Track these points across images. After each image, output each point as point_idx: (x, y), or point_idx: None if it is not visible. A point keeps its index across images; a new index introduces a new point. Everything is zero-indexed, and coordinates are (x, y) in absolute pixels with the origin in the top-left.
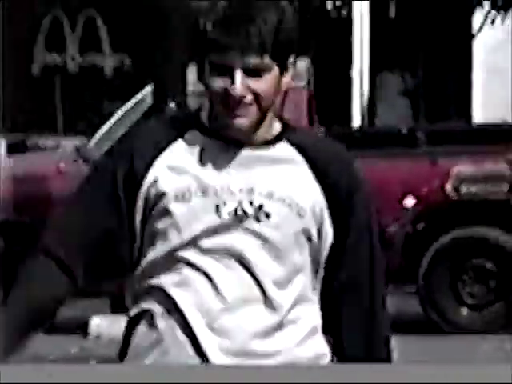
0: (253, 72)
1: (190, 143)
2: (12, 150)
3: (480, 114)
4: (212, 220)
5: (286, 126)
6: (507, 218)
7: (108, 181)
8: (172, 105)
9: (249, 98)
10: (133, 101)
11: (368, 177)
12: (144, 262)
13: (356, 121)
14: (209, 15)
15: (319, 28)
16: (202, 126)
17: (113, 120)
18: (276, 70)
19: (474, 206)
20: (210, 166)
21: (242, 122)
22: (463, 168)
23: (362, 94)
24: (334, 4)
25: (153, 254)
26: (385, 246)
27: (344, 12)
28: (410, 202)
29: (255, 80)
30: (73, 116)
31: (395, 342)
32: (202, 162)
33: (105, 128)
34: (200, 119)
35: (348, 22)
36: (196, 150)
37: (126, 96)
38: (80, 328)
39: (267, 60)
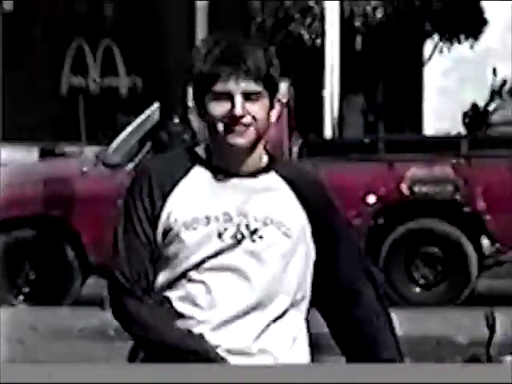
0: (250, 97)
1: (195, 177)
2: (43, 155)
3: (432, 128)
4: (216, 244)
5: (272, 158)
6: (452, 213)
7: (144, 222)
8: (176, 120)
9: (248, 118)
10: (143, 115)
11: (337, 179)
12: (158, 281)
13: (328, 133)
14: (208, 58)
15: (298, 55)
16: (202, 160)
17: (126, 131)
18: (267, 100)
19: (425, 203)
20: (211, 196)
21: (241, 141)
22: (416, 171)
23: (332, 111)
24: (310, 35)
25: (166, 274)
26: None
27: (318, 42)
28: (371, 199)
29: (252, 103)
30: (93, 128)
31: None
32: (205, 193)
33: (120, 138)
34: (199, 155)
35: (321, 50)
36: (200, 182)
37: (137, 111)
38: (99, 303)
39: (261, 87)
